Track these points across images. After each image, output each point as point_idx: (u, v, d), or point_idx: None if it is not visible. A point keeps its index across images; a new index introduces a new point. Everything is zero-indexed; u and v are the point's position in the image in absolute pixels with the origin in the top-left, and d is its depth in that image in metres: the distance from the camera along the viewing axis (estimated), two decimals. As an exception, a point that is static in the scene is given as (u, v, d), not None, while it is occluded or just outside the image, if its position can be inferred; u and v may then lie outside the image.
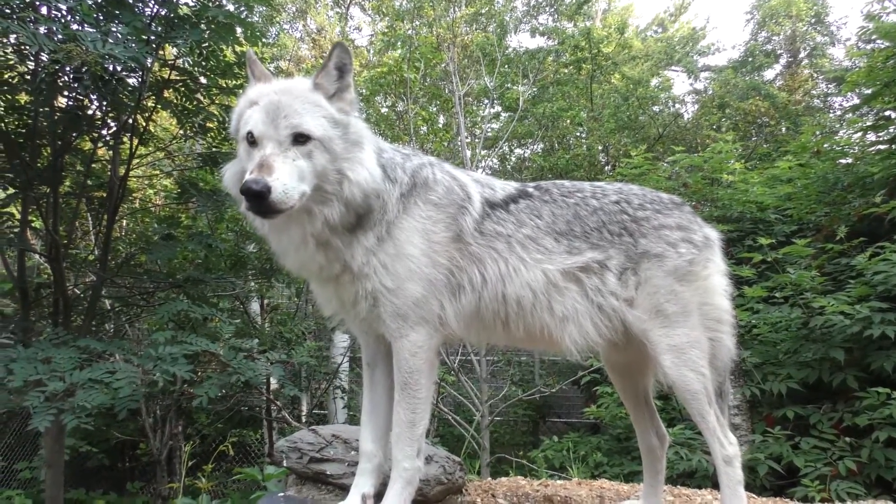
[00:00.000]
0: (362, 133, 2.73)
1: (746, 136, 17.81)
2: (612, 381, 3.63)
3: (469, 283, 2.83)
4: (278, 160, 2.48)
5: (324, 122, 2.59)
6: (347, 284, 2.77)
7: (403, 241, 2.72)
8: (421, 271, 2.72)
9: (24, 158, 5.66)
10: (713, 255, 3.11)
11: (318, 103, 2.62)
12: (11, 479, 9.55)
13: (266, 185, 2.38)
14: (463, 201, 2.88)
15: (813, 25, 21.74)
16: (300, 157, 2.53)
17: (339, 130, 2.63)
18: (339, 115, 2.65)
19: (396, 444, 2.78)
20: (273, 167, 2.45)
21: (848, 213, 7.97)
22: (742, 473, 2.94)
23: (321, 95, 2.66)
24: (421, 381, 2.78)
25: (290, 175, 2.47)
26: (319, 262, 2.74)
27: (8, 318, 6.44)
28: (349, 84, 2.71)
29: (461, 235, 2.83)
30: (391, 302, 2.72)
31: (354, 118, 2.73)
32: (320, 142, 2.56)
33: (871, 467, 5.92)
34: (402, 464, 2.76)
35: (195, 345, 5.25)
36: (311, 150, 2.55)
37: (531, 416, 12.77)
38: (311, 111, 2.59)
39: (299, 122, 2.54)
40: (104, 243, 6.31)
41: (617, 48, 19.23)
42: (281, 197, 2.42)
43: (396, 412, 2.79)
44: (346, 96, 2.70)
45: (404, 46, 13.35)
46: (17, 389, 4.57)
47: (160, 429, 9.22)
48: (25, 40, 4.51)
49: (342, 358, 10.42)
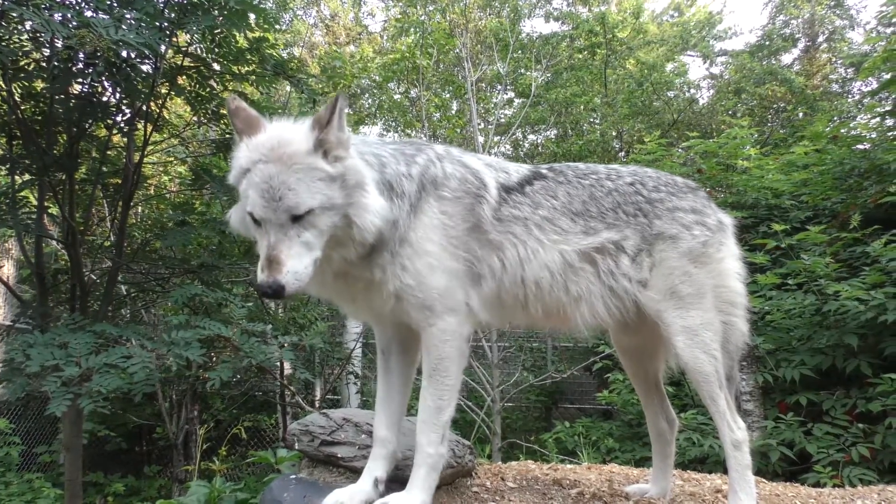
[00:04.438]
0: (360, 172, 2.55)
1: (762, 122, 17.62)
2: (623, 364, 3.63)
3: (489, 271, 2.83)
4: (284, 249, 2.41)
5: (321, 185, 2.43)
6: (366, 294, 2.77)
7: (421, 239, 2.69)
8: (442, 265, 2.71)
9: (41, 145, 5.71)
10: (726, 238, 3.11)
11: (312, 167, 2.43)
12: (31, 462, 9.73)
13: (279, 286, 2.37)
14: (479, 189, 2.85)
15: (832, 8, 21.38)
16: (304, 231, 2.43)
17: (338, 183, 2.47)
18: (335, 169, 2.47)
19: (421, 430, 2.77)
20: (281, 261, 2.40)
21: (864, 200, 7.89)
22: (750, 458, 2.95)
23: (318, 155, 2.45)
24: (451, 368, 2.77)
25: (299, 257, 2.41)
26: (338, 288, 2.77)
27: (26, 303, 6.53)
28: (343, 124, 2.51)
29: (480, 224, 2.81)
30: (414, 296, 2.70)
31: (350, 160, 2.53)
32: (321, 208, 2.44)
33: (884, 454, 5.90)
34: (427, 449, 2.75)
35: (208, 329, 5.30)
36: (314, 219, 2.43)
37: (543, 402, 12.81)
38: (305, 182, 2.41)
39: (296, 203, 2.39)
40: (120, 229, 6.37)
41: (632, 33, 19.06)
42: (295, 286, 2.41)
43: (423, 398, 2.79)
44: (342, 139, 2.51)
45: (417, 33, 13.30)
46: (35, 374, 4.65)
47: (176, 413, 9.35)
48: (39, 27, 4.54)
49: (355, 344, 10.48)
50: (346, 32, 21.83)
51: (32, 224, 5.97)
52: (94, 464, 9.83)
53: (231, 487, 4.53)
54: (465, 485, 3.32)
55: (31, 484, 8.31)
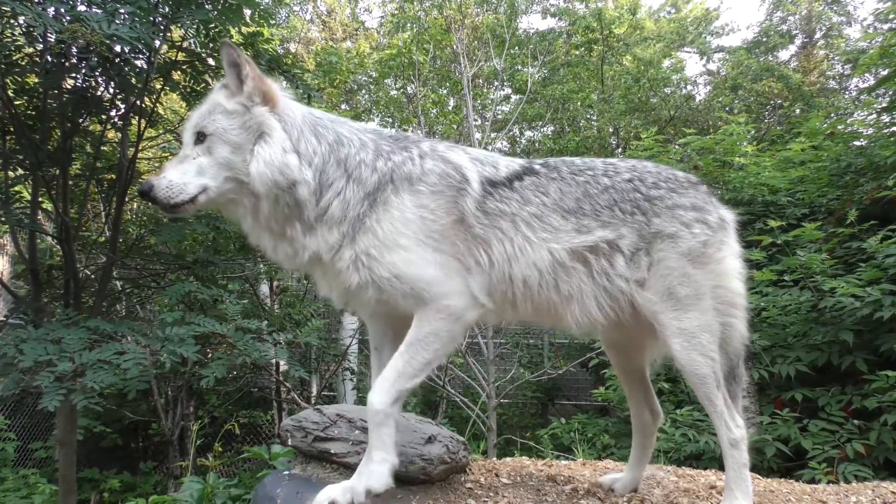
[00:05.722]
0: (265, 124, 2.75)
1: (759, 119, 17.61)
2: (609, 358, 3.61)
3: (477, 265, 2.82)
4: (175, 163, 2.76)
5: (218, 117, 2.74)
6: (331, 277, 2.85)
7: (390, 232, 2.72)
8: (423, 257, 2.72)
9: (34, 140, 5.69)
10: (728, 236, 3.07)
11: (216, 101, 2.78)
12: (27, 458, 9.69)
13: (149, 185, 2.69)
14: (460, 183, 2.85)
15: (829, 5, 21.37)
16: (201, 155, 2.73)
17: (235, 121, 2.73)
18: (233, 106, 2.75)
19: (377, 384, 2.77)
20: (165, 168, 2.75)
21: (860, 197, 7.88)
22: (748, 456, 2.93)
23: (224, 94, 2.80)
24: (434, 345, 2.76)
25: (183, 172, 2.71)
26: (285, 251, 2.84)
27: (20, 299, 6.50)
28: (247, 75, 2.76)
29: (464, 218, 2.81)
30: (397, 287, 2.72)
31: (258, 108, 2.76)
32: (215, 135, 2.72)
33: (879, 450, 5.90)
34: (374, 406, 2.74)
35: (202, 326, 5.29)
36: (210, 146, 2.73)
37: (540, 399, 12.83)
38: (207, 108, 2.78)
39: (196, 122, 2.76)
40: (114, 225, 6.35)
41: (629, 29, 19.02)
42: (165, 193, 2.67)
43: (394, 359, 2.77)
44: (245, 88, 2.76)
45: (413, 28, 13.27)
46: (28, 369, 4.64)
47: (172, 409, 9.34)
48: (31, 21, 4.52)
49: (351, 340, 10.47)
50: (343, 28, 21.77)
51: (26, 219, 5.95)
52: (90, 460, 9.81)
53: (225, 483, 4.52)
54: (459, 481, 3.31)
55: (27, 480, 8.28)
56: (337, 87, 13.35)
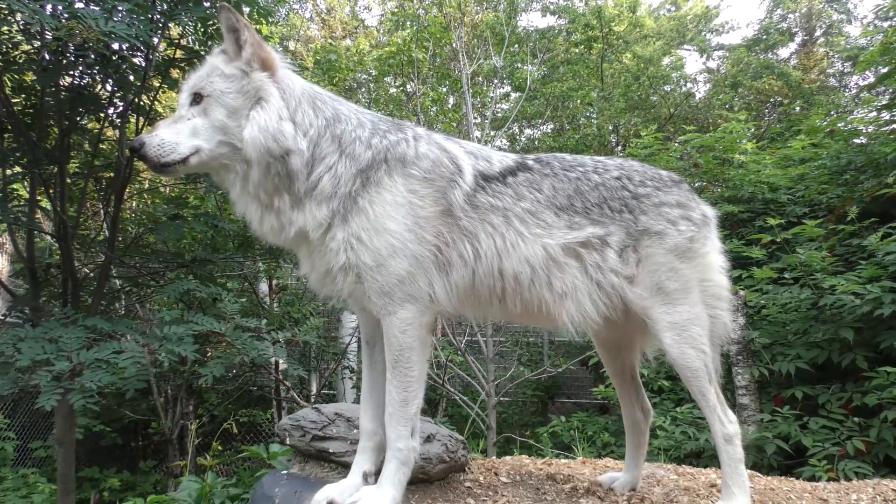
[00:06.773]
0: (263, 89, 2.71)
1: (759, 116, 17.59)
2: (600, 356, 3.63)
3: (460, 259, 2.79)
4: (169, 122, 2.72)
5: (216, 79, 2.71)
6: (316, 256, 2.78)
7: (380, 215, 2.68)
8: (405, 247, 2.68)
9: (32, 137, 5.66)
10: (710, 232, 3.12)
11: (214, 64, 2.75)
12: (26, 458, 9.67)
13: (140, 142, 2.66)
14: (453, 174, 2.82)
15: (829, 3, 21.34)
16: (196, 116, 2.70)
17: (233, 84, 2.70)
18: (231, 70, 2.72)
19: (390, 424, 2.75)
20: (157, 126, 2.71)
21: (860, 194, 7.87)
22: (742, 451, 2.95)
23: (222, 58, 2.77)
24: (413, 358, 2.74)
25: (177, 132, 2.67)
26: (272, 223, 2.77)
27: (19, 297, 6.47)
28: (246, 40, 2.72)
29: (451, 210, 2.78)
30: (374, 279, 2.69)
31: (257, 74, 2.72)
32: (212, 97, 2.69)
33: (880, 447, 5.90)
34: (396, 444, 2.73)
35: (201, 324, 5.26)
36: (206, 107, 2.69)
37: (540, 397, 12.81)
38: (205, 71, 2.75)
39: (194, 83, 2.73)
40: (112, 223, 6.32)
41: (629, 27, 18.98)
42: (156, 151, 2.64)
43: (388, 391, 2.77)
44: (244, 54, 2.73)
45: (413, 26, 13.23)
46: (26, 368, 4.61)
47: (171, 408, 9.32)
48: (28, 18, 4.49)
49: (350, 339, 10.45)
50: (343, 26, 21.73)
51: (24, 217, 5.93)
52: (90, 459, 9.79)
53: (223, 483, 4.49)
54: (458, 480, 3.30)
55: (26, 479, 8.26)
56: (336, 85, 13.31)
